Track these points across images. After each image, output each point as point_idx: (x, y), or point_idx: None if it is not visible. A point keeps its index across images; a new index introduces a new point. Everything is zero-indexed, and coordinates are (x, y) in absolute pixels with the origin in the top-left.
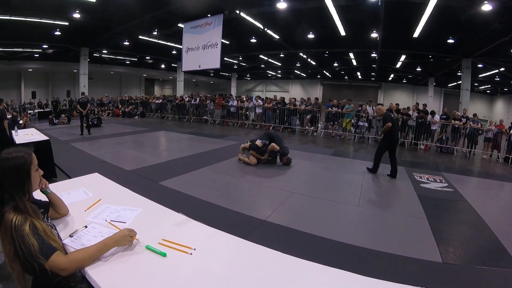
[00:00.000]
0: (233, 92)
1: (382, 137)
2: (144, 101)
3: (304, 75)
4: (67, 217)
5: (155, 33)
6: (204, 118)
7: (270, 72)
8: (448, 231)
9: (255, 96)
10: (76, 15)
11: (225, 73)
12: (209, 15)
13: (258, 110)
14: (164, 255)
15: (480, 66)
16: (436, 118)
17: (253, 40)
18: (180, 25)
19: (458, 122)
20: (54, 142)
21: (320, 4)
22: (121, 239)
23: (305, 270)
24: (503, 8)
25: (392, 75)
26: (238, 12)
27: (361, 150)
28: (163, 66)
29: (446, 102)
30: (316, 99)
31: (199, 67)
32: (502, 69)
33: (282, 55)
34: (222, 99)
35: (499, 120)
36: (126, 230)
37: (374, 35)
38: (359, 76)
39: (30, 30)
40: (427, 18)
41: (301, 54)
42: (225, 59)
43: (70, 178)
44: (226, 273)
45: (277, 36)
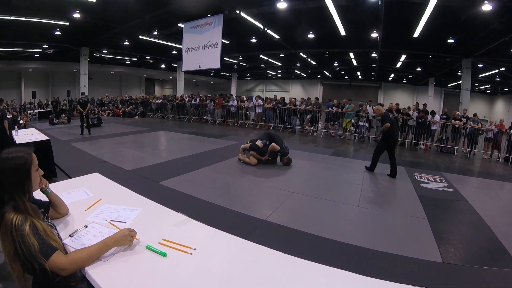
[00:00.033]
0: (233, 92)
1: (380, 137)
2: (144, 101)
3: (304, 75)
4: (67, 217)
5: (155, 33)
6: (204, 118)
7: (270, 72)
8: (448, 231)
9: (255, 96)
10: (76, 15)
11: (225, 73)
12: (209, 15)
13: (258, 110)
14: (164, 255)
15: (480, 66)
16: (436, 118)
17: (253, 40)
18: (180, 25)
19: (458, 122)
20: (54, 142)
21: (320, 4)
22: (121, 239)
23: (305, 270)
24: (503, 8)
25: (392, 75)
26: (238, 12)
27: (361, 150)
28: (163, 66)
29: (446, 102)
30: (316, 99)
31: (199, 67)
32: (502, 69)
33: (282, 55)
34: (222, 99)
35: (499, 120)
36: (126, 230)
37: (374, 35)
38: (359, 76)
39: (30, 30)
40: (427, 18)
41: (301, 54)
42: (225, 59)
43: (70, 178)
44: (226, 273)
45: (277, 36)
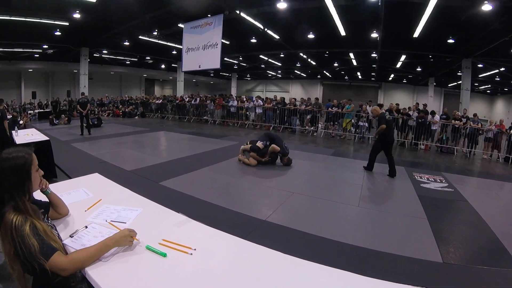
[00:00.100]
0: (233, 92)
1: (377, 137)
2: (144, 101)
3: (304, 75)
4: (67, 217)
5: (155, 33)
6: (204, 118)
7: (270, 72)
8: (449, 231)
9: (255, 96)
10: (76, 15)
11: (225, 73)
12: (209, 15)
13: (258, 110)
14: (164, 255)
15: (480, 66)
16: (436, 118)
17: (253, 40)
18: (180, 25)
19: (458, 122)
20: (54, 142)
21: (320, 4)
22: (121, 239)
23: (305, 270)
24: (503, 8)
25: (392, 75)
26: (238, 12)
27: (361, 150)
28: (163, 66)
29: (446, 102)
30: (316, 99)
31: (199, 67)
32: (502, 69)
33: (282, 55)
34: (222, 99)
35: (499, 120)
36: (127, 230)
37: (374, 35)
38: (359, 76)
39: (30, 30)
40: (427, 18)
41: (301, 54)
42: (225, 59)
43: (70, 178)
44: (226, 273)
45: (277, 36)
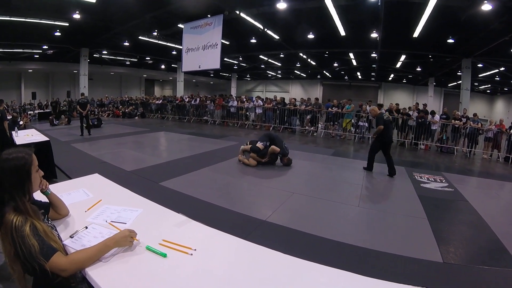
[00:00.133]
0: (233, 92)
1: (375, 137)
2: (144, 101)
3: (304, 75)
4: (67, 218)
5: (155, 33)
6: (204, 118)
7: (270, 73)
8: (449, 231)
9: (255, 97)
10: (76, 16)
11: (225, 73)
12: (209, 16)
13: (258, 111)
14: (165, 255)
15: (480, 66)
16: (436, 118)
17: (253, 41)
18: (180, 25)
19: (458, 122)
20: (54, 142)
21: (320, 4)
22: (121, 240)
23: (305, 270)
24: (503, 8)
25: (392, 75)
26: (238, 12)
27: (361, 150)
28: (163, 67)
29: (446, 102)
30: (316, 99)
31: (199, 67)
32: (502, 68)
33: (282, 56)
34: (222, 100)
35: (499, 119)
36: (127, 230)
37: (374, 35)
38: (359, 76)
39: (30, 31)
40: (427, 18)
41: (301, 54)
42: (225, 59)
43: (71, 178)
44: (227, 273)
45: (277, 37)
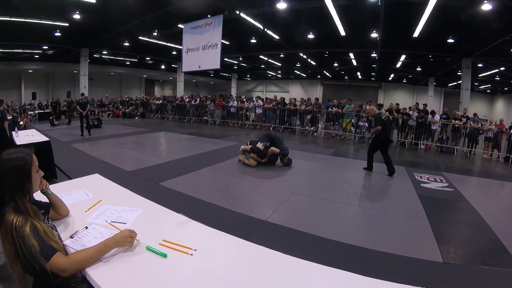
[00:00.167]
0: (233, 92)
1: (372, 138)
2: (144, 101)
3: (304, 75)
4: (67, 218)
5: (155, 33)
6: (204, 118)
7: (270, 73)
8: (449, 231)
9: (255, 97)
10: (76, 16)
11: (225, 73)
12: (209, 16)
13: (258, 111)
14: (165, 255)
15: (480, 65)
16: (436, 118)
17: (253, 41)
18: (180, 25)
19: (459, 121)
20: (54, 143)
21: (320, 4)
22: (121, 240)
23: (305, 270)
24: (503, 8)
25: (392, 75)
26: (238, 12)
27: (361, 150)
28: (163, 67)
29: (446, 102)
30: (316, 99)
31: (199, 67)
32: (502, 68)
33: (282, 56)
34: (222, 100)
35: (499, 119)
36: (127, 231)
37: (374, 35)
38: (359, 76)
39: (30, 31)
40: (427, 18)
41: (301, 55)
42: (225, 59)
43: (71, 179)
44: (227, 273)
45: (277, 37)
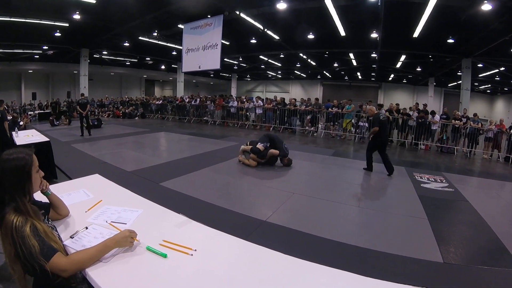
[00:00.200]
0: (233, 92)
1: (370, 138)
2: (145, 102)
3: (304, 76)
4: (67, 218)
5: (155, 34)
6: (204, 119)
7: (270, 73)
8: (449, 231)
9: (255, 97)
10: (76, 16)
11: (225, 73)
12: (209, 16)
13: (258, 111)
14: (165, 256)
15: (480, 65)
16: (436, 118)
17: (253, 41)
18: (180, 26)
19: (459, 122)
20: (54, 143)
21: (320, 4)
22: (121, 240)
23: (305, 270)
24: (503, 8)
25: (392, 75)
26: (238, 12)
27: (361, 150)
28: (163, 67)
29: (446, 102)
30: (316, 99)
31: (199, 68)
32: (502, 68)
33: (282, 56)
34: (222, 100)
35: (499, 119)
36: (127, 231)
37: (374, 35)
38: (359, 76)
39: (30, 31)
40: (427, 18)
41: (301, 55)
42: (225, 59)
43: (71, 179)
44: (227, 274)
45: (277, 37)
